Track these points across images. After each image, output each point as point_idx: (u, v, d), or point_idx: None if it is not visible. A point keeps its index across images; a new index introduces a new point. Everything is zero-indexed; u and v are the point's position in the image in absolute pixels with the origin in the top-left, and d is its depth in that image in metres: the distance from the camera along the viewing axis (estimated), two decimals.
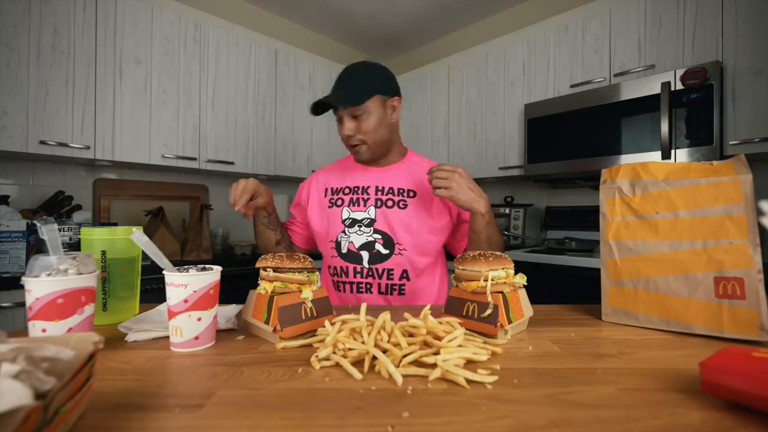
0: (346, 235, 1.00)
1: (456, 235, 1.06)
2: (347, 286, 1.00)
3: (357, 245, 0.99)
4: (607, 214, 0.70)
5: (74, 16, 1.71)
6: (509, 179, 2.54)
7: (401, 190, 1.02)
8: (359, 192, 1.03)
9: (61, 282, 0.50)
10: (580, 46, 2.04)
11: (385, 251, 0.99)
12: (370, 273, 0.98)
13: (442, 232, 1.02)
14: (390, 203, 1.01)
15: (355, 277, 0.99)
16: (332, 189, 1.07)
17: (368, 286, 0.99)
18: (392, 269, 0.98)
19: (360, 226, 1.00)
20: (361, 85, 0.96)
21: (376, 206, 1.01)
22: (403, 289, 0.99)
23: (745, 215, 0.58)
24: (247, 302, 0.64)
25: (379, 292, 0.98)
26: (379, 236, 0.99)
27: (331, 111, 0.99)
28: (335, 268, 1.02)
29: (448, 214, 1.02)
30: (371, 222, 1.00)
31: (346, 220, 1.01)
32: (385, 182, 1.03)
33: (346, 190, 1.05)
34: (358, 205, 1.02)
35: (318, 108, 0.97)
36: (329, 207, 1.05)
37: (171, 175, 2.33)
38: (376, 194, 1.02)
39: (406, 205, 1.00)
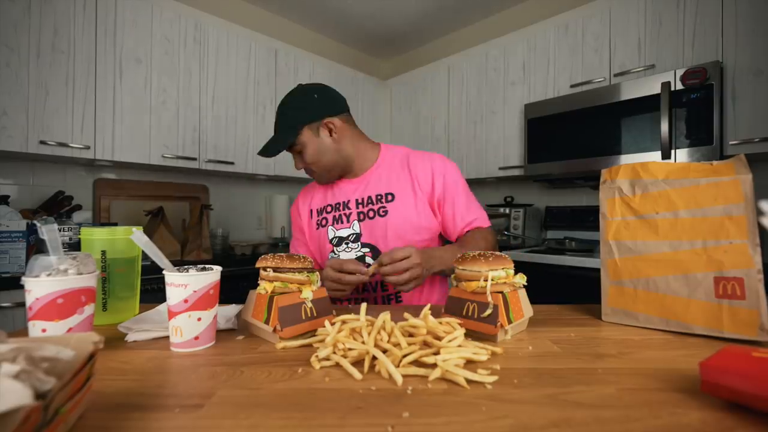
0: (335, 254, 1.01)
1: (446, 224, 1.03)
2: (344, 302, 0.99)
3: None
4: (607, 214, 0.70)
5: (74, 15, 1.71)
6: (509, 179, 2.54)
7: (379, 197, 1.01)
8: (341, 208, 1.04)
9: (61, 282, 0.50)
10: (580, 45, 2.04)
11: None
12: (366, 288, 0.98)
13: (429, 230, 1.01)
14: (371, 214, 1.00)
15: (352, 293, 0.98)
16: (317, 210, 1.09)
17: (365, 300, 0.97)
18: None
19: (347, 243, 1.01)
20: (288, 121, 0.98)
21: (359, 219, 1.01)
22: (400, 298, 0.98)
23: (744, 215, 0.58)
24: (247, 302, 0.64)
25: (377, 305, 0.98)
26: (367, 249, 0.99)
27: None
28: None
29: (432, 211, 1.01)
30: (357, 237, 1.00)
31: (332, 239, 1.02)
32: (363, 192, 1.03)
33: (329, 209, 1.06)
34: (342, 222, 1.03)
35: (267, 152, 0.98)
36: (317, 228, 1.07)
37: (171, 175, 2.32)
38: (357, 207, 1.02)
39: (386, 212, 0.99)
